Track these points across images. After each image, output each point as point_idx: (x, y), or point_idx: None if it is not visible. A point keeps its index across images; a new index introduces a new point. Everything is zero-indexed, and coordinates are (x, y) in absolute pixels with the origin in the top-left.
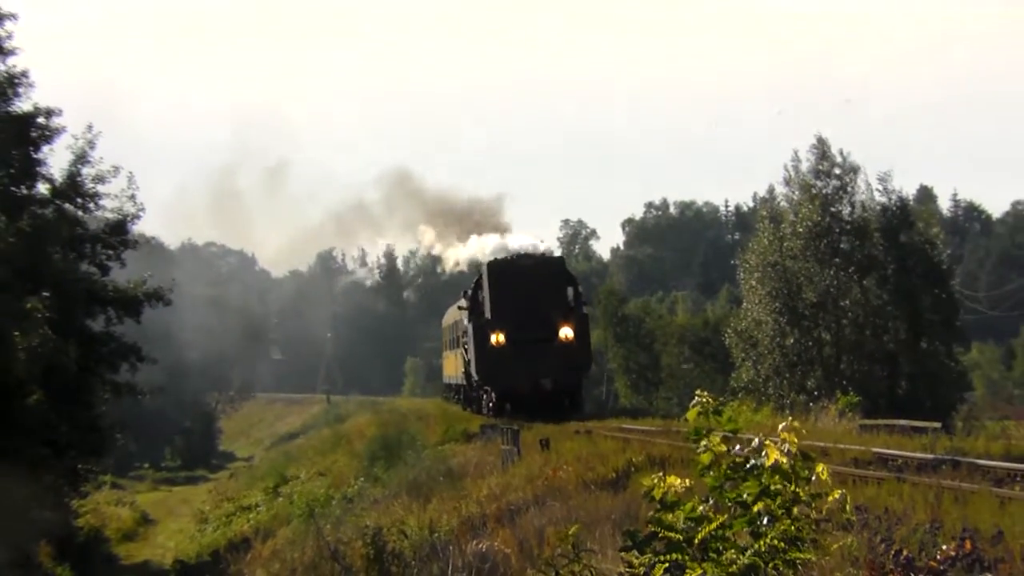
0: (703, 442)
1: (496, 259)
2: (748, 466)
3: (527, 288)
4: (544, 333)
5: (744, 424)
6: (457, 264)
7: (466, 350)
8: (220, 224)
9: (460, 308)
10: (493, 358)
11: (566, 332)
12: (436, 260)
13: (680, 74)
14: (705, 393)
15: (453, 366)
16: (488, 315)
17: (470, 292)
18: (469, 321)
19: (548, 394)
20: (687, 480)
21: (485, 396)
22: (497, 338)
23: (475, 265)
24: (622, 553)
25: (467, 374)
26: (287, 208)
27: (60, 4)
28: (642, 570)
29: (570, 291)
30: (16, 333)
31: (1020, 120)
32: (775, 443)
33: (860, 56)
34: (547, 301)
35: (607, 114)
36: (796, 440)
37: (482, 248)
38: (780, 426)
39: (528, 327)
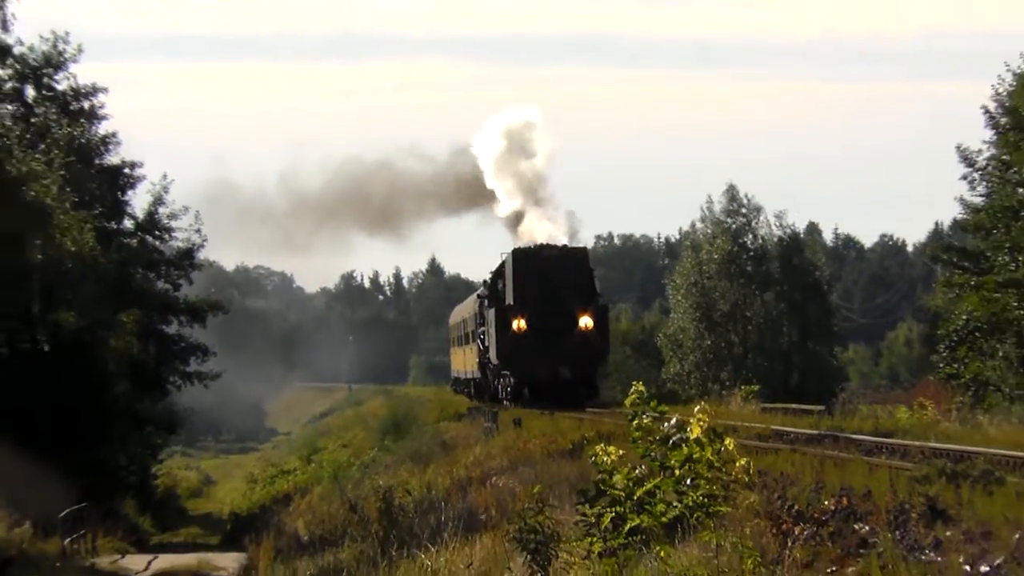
0: (635, 421)
1: (520, 247)
2: (674, 439)
3: (550, 277)
4: (565, 321)
5: (669, 408)
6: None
7: (482, 339)
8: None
9: (479, 296)
10: (513, 344)
11: (586, 321)
12: (438, 272)
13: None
14: (641, 384)
15: (461, 361)
16: (510, 301)
17: (489, 280)
18: (490, 307)
19: (566, 381)
20: (621, 451)
21: (503, 381)
22: (518, 324)
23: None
24: (577, 507)
25: (482, 363)
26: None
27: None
28: (593, 519)
29: (590, 281)
30: (110, 338)
31: (887, 169)
32: (695, 421)
33: (764, 115)
34: (568, 290)
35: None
36: (708, 419)
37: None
38: (696, 408)
39: (549, 315)
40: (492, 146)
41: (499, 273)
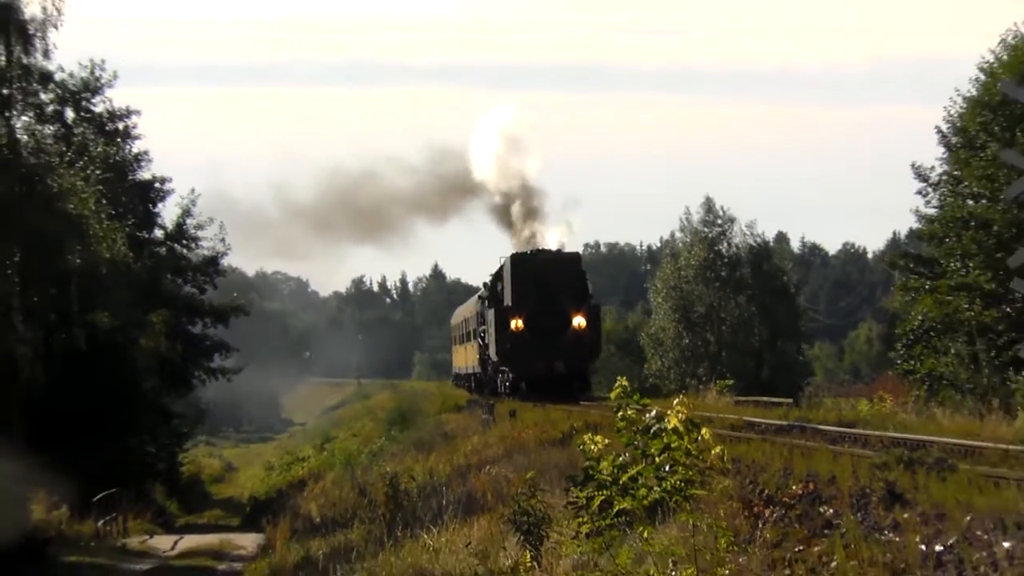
0: (620, 413)
1: (517, 252)
2: (654, 429)
3: (545, 279)
4: (559, 321)
5: (651, 401)
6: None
7: (483, 337)
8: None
9: (480, 298)
10: (512, 342)
11: (579, 321)
12: (440, 277)
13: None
14: (624, 379)
15: (462, 358)
16: (509, 302)
17: (489, 282)
18: (490, 308)
19: (561, 376)
20: (607, 440)
21: (502, 377)
22: (516, 324)
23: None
24: (567, 490)
25: (482, 359)
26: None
27: None
28: (582, 502)
29: (583, 284)
30: (140, 338)
31: (850, 183)
32: (674, 413)
33: (739, 135)
34: (563, 292)
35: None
36: (685, 411)
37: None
38: (675, 401)
39: (545, 315)
40: (489, 146)
41: (498, 276)
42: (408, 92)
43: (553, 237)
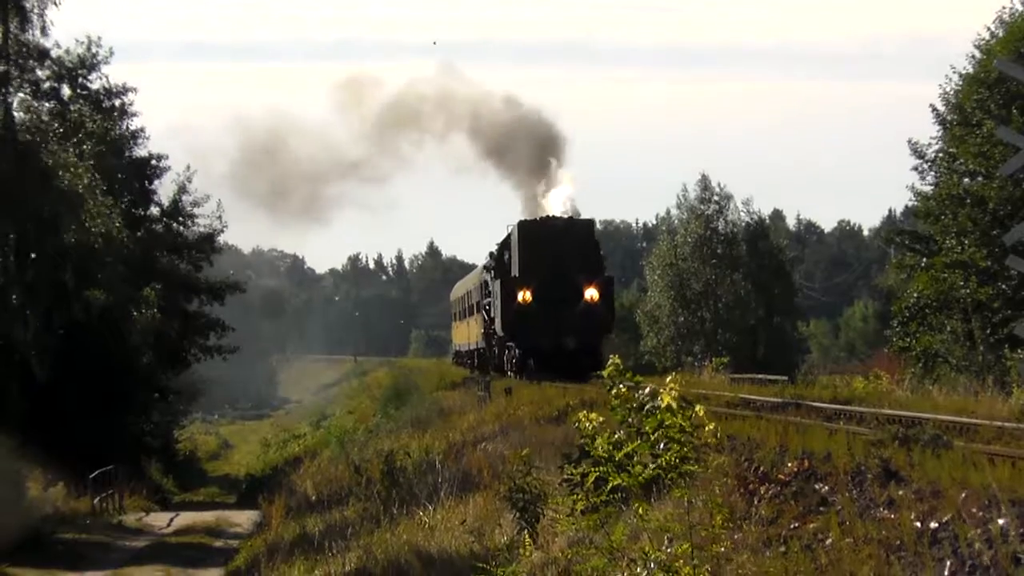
0: (613, 391)
1: (526, 219)
2: (648, 407)
3: (555, 249)
4: (570, 293)
5: (645, 379)
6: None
7: (488, 310)
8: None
9: (486, 268)
10: (519, 315)
11: (591, 293)
12: (436, 255)
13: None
14: (617, 356)
15: (464, 334)
16: (516, 273)
17: (495, 252)
18: (495, 279)
19: (571, 352)
20: (601, 417)
21: (508, 353)
22: (524, 296)
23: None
24: (563, 467)
25: (487, 334)
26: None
27: None
28: (577, 479)
29: (596, 254)
30: (135, 313)
31: (845, 160)
32: (667, 391)
33: (735, 112)
34: (574, 262)
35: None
36: (678, 388)
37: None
38: (667, 379)
39: (554, 286)
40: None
41: (505, 244)
42: (398, 67)
43: (562, 199)
